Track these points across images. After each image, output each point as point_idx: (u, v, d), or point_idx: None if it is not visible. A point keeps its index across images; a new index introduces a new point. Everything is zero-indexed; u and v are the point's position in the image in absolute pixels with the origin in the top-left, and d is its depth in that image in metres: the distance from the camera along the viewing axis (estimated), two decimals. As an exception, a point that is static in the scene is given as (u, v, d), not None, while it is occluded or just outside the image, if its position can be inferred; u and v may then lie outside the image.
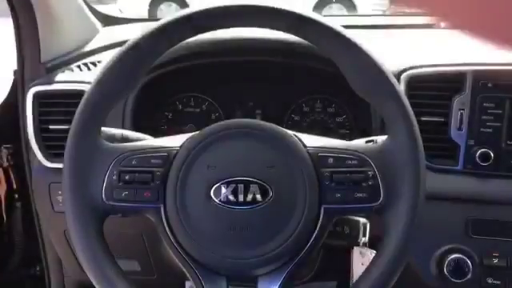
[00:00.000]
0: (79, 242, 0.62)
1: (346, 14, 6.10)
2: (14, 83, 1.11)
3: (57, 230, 1.04)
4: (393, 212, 0.62)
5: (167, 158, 0.65)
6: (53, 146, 0.96)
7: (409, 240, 0.61)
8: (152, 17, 5.98)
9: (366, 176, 0.63)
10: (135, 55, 0.64)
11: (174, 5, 6.40)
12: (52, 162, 0.96)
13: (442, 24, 1.27)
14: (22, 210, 1.22)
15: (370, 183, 0.63)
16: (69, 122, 0.66)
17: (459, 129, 0.88)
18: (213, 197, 0.62)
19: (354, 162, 0.64)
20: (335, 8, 6.38)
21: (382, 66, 0.63)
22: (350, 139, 1.07)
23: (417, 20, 1.42)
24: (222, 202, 0.62)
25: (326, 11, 6.16)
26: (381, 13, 5.71)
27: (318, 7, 6.12)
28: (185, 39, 0.66)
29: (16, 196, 1.22)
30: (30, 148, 0.97)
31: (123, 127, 0.96)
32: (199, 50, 0.96)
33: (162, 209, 0.64)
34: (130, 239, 1.02)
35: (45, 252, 1.17)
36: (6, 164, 1.16)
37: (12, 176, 1.19)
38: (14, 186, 1.21)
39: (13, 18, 1.01)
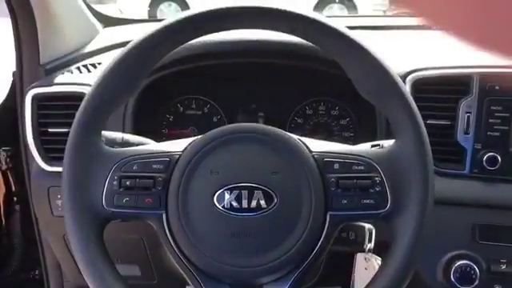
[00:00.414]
0: (78, 249, 0.61)
1: (347, 14, 6.09)
2: (12, 85, 1.10)
3: (56, 234, 1.02)
4: (401, 219, 0.61)
5: (169, 163, 0.63)
6: (52, 149, 0.94)
7: (417, 248, 0.60)
8: (152, 17, 5.97)
9: (373, 182, 0.62)
10: (137, 57, 0.62)
11: (173, 5, 6.39)
12: (51, 165, 0.94)
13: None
14: (20, 213, 1.21)
15: (377, 189, 0.62)
16: (68, 125, 0.65)
17: (466, 132, 0.87)
18: (216, 203, 0.61)
19: (360, 167, 0.63)
20: (336, 8, 6.37)
21: (388, 68, 0.62)
22: (355, 142, 1.06)
23: (418, 21, 1.40)
24: (226, 208, 0.61)
25: (326, 11, 6.15)
26: (381, 13, 5.71)
27: (318, 7, 6.11)
28: (187, 41, 0.64)
29: (15, 199, 1.20)
30: (29, 151, 0.96)
31: (124, 130, 0.95)
32: (201, 51, 0.95)
33: (163, 215, 0.62)
34: (131, 244, 1.00)
35: (44, 256, 1.15)
36: (4, 167, 1.15)
37: (11, 179, 1.18)
38: (13, 189, 1.20)
39: (12, 18, 1.00)
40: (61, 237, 1.01)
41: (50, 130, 0.93)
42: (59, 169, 0.73)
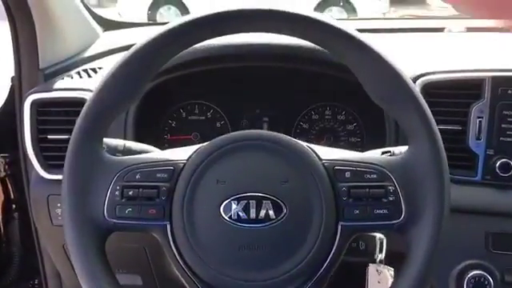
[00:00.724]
0: (78, 262, 0.59)
1: (347, 17, 6.09)
2: (11, 90, 1.08)
3: (56, 243, 1.01)
4: (415, 230, 0.59)
5: (173, 172, 0.61)
6: (51, 156, 0.92)
7: (432, 260, 0.58)
8: (151, 20, 5.97)
9: (387, 191, 0.60)
10: (141, 61, 0.60)
11: (173, 8, 6.39)
12: (50, 173, 0.92)
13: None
14: (19, 221, 1.19)
15: (391, 199, 0.60)
16: (68, 131, 0.64)
17: (478, 138, 0.85)
18: (222, 214, 0.59)
19: (372, 176, 0.61)
20: (335, 11, 6.36)
21: (401, 72, 0.60)
22: (362, 148, 1.04)
23: (419, 23, 1.39)
24: (233, 219, 0.59)
25: (325, 14, 6.14)
26: (381, 16, 5.70)
27: (317, 10, 6.11)
28: (192, 45, 0.62)
29: (14, 206, 1.18)
30: (28, 158, 0.94)
31: (125, 137, 0.93)
32: (205, 55, 0.93)
33: (168, 227, 0.60)
34: (132, 253, 0.98)
35: (43, 265, 1.14)
36: (3, 174, 1.13)
37: (10, 186, 1.16)
38: (12, 196, 1.18)
39: (9, 22, 0.98)
40: (60, 246, 0.99)
41: (49, 136, 0.92)
42: (59, 177, 0.71)
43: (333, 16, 6.17)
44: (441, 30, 1.29)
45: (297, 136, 1.05)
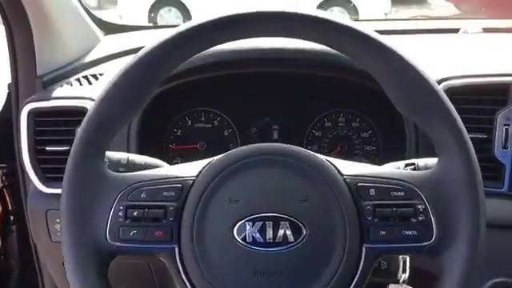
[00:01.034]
0: (77, 287, 0.55)
1: (348, 17, 6.06)
2: (8, 97, 1.04)
3: (55, 259, 0.97)
4: (449, 253, 0.55)
5: (182, 189, 0.57)
6: (50, 169, 0.88)
7: (468, 285, 0.53)
8: (152, 22, 5.96)
9: (415, 210, 0.56)
10: (147, 67, 0.55)
11: (173, 10, 6.38)
12: (49, 186, 0.89)
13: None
14: (17, 234, 1.16)
15: (421, 218, 0.55)
16: (68, 142, 0.60)
17: (504, 147, 0.81)
18: (236, 236, 0.55)
19: (400, 193, 0.56)
20: (337, 11, 6.34)
21: (429, 78, 0.55)
22: (378, 157, 0.99)
23: (432, 24, 1.34)
24: (247, 242, 0.55)
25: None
26: (383, 16, 5.68)
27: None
28: (200, 51, 0.57)
29: (12, 218, 1.14)
30: (26, 169, 0.90)
31: (128, 148, 0.89)
32: (216, 60, 0.89)
33: (176, 250, 0.56)
34: (136, 269, 0.95)
35: (42, 280, 1.11)
36: (0, 185, 1.08)
37: (7, 197, 1.12)
38: (10, 208, 1.14)
39: (5, 26, 0.95)
40: (60, 263, 0.94)
41: (47, 148, 0.88)
42: (58, 191, 0.68)
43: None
44: (455, 30, 1.24)
45: (309, 144, 1.01)
